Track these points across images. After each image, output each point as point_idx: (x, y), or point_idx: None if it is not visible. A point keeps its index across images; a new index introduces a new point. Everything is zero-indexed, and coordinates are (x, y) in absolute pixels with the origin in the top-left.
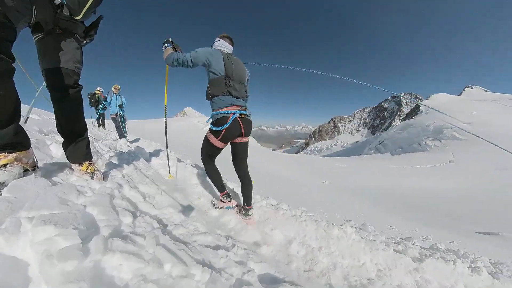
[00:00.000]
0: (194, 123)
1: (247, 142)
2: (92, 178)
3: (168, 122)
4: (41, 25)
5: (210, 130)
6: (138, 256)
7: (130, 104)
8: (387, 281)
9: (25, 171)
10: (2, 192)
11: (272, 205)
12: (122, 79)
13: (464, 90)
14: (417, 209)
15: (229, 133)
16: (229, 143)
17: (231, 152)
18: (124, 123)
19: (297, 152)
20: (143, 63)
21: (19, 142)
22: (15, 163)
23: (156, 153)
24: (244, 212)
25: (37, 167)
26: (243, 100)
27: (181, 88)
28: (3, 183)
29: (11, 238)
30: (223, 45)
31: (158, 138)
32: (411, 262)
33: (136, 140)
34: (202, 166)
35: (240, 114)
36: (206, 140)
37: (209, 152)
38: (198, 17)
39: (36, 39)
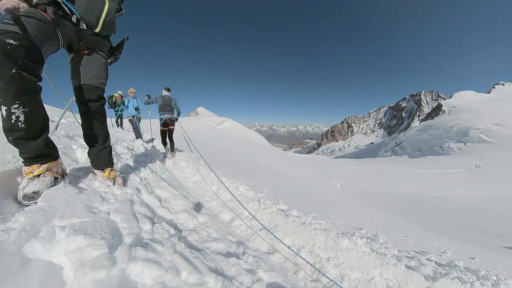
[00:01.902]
0: (207, 122)
1: (173, 128)
2: (113, 184)
3: (182, 121)
4: (72, 47)
5: (160, 123)
6: (158, 264)
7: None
8: None
9: (55, 179)
10: (37, 201)
11: (282, 210)
12: (134, 80)
13: (493, 87)
14: (436, 218)
15: (164, 124)
16: (167, 128)
17: (167, 132)
18: (139, 123)
19: (308, 153)
20: (153, 64)
21: (49, 153)
22: (46, 173)
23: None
24: (170, 153)
25: (66, 174)
26: (170, 111)
27: (194, 89)
28: (38, 192)
29: (48, 245)
30: (163, 93)
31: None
32: (423, 280)
33: (151, 140)
34: (214, 168)
35: (168, 117)
36: (160, 128)
37: (162, 133)
38: (204, 17)
39: (69, 59)
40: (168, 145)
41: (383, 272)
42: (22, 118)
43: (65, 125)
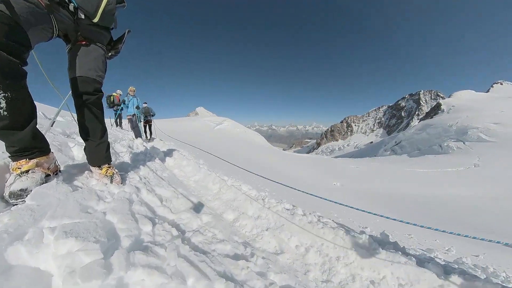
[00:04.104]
0: (207, 122)
1: (151, 124)
2: (111, 182)
3: (181, 121)
4: (69, 37)
5: (142, 121)
6: (161, 270)
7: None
8: None
9: (47, 176)
10: (25, 199)
11: (287, 209)
12: (133, 79)
13: (492, 86)
14: (437, 218)
15: (145, 122)
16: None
17: (147, 126)
18: (140, 123)
19: (308, 152)
20: (153, 64)
21: (38, 147)
22: (36, 168)
23: (169, 153)
24: (149, 137)
25: (60, 171)
26: (148, 116)
27: (193, 88)
28: (26, 189)
29: (34, 250)
30: (144, 105)
31: (171, 137)
32: (436, 278)
33: (151, 140)
34: (215, 167)
35: (147, 119)
36: (142, 124)
37: (144, 126)
38: (202, 16)
39: (66, 50)
40: (149, 134)
41: (395, 270)
42: (3, 104)
43: (62, 123)
